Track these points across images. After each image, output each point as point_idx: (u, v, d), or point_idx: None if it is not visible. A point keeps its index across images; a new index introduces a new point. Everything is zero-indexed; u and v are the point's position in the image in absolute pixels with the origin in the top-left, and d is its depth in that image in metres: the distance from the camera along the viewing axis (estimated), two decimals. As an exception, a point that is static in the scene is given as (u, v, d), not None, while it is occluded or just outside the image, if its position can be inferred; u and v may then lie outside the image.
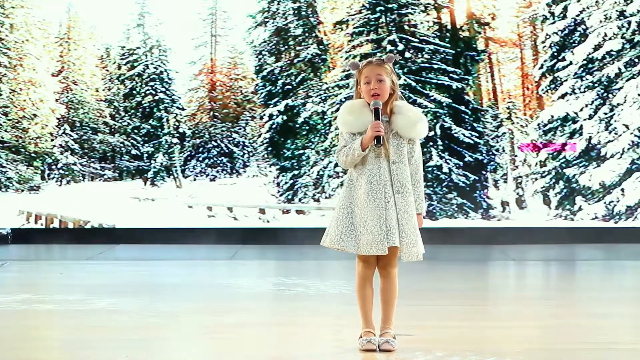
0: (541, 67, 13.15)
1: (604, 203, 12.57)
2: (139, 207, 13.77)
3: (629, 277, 9.39)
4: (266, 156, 14.00)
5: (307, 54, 13.66)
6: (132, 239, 12.27)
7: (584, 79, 12.77)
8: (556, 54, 13.02)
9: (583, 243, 11.79)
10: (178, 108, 14.30)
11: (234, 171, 14.28)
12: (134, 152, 14.20)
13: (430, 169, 12.83)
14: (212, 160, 14.26)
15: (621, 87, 12.51)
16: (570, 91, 12.84)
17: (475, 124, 13.15)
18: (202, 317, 6.56)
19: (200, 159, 14.27)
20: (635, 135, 12.35)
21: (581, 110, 12.73)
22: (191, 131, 14.36)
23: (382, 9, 13.07)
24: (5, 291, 8.21)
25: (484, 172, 13.16)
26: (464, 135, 13.05)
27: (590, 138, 12.67)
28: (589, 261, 10.56)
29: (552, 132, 12.92)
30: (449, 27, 13.27)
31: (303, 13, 13.72)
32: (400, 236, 5.00)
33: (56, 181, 13.94)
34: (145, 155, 14.15)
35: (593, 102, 12.72)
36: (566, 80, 12.84)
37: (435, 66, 13.03)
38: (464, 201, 12.97)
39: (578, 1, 12.81)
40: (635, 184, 12.37)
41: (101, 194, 13.98)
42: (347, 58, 13.25)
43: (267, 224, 13.25)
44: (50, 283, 8.88)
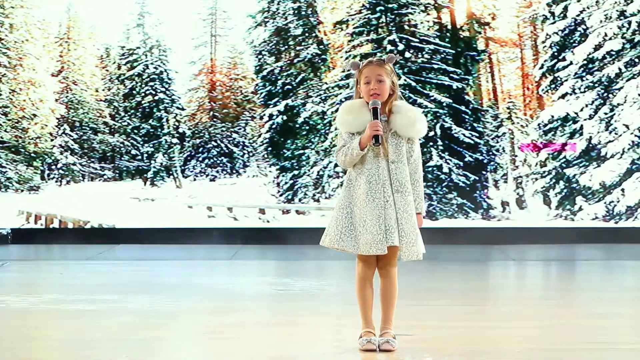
0: (541, 67, 13.15)
1: (604, 203, 12.56)
2: (139, 207, 13.76)
3: (629, 277, 9.39)
4: (266, 156, 13.99)
5: (307, 54, 13.65)
6: (132, 239, 12.26)
7: (584, 79, 12.77)
8: (556, 54, 13.01)
9: (583, 243, 11.78)
10: (178, 108, 14.29)
11: (234, 171, 14.28)
12: (133, 152, 14.19)
13: (430, 169, 12.83)
14: (212, 161, 14.25)
15: (621, 87, 12.50)
16: (570, 91, 12.83)
17: (475, 124, 13.14)
18: (202, 317, 6.56)
19: (200, 159, 14.26)
20: (635, 135, 12.34)
21: (581, 110, 12.73)
22: (191, 131, 14.35)
23: (382, 8, 13.07)
24: (5, 291, 8.21)
25: (484, 172, 13.15)
26: (464, 135, 13.04)
27: (591, 138, 12.66)
28: (589, 261, 10.56)
29: (553, 132, 12.92)
30: (449, 27, 13.26)
31: (303, 13, 13.71)
32: (400, 235, 5.00)
33: (56, 181, 13.93)
34: (145, 155, 14.14)
35: (593, 102, 12.72)
36: (566, 80, 12.83)
37: (436, 66, 13.02)
38: (464, 201, 12.97)
39: (578, 1, 12.80)
40: (635, 184, 12.36)
41: (101, 194, 13.97)
42: (347, 58, 13.25)
43: (267, 224, 13.24)
44: (50, 283, 8.87)
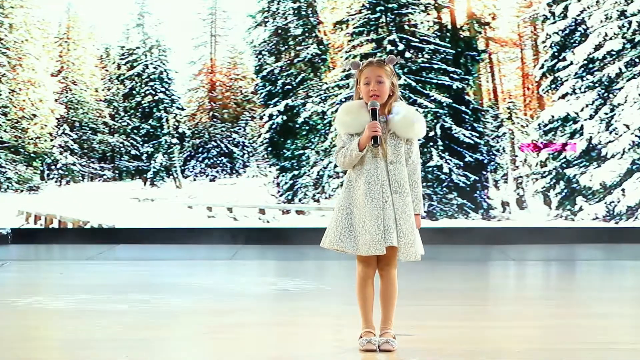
0: (542, 67, 13.14)
1: (605, 203, 12.56)
2: (139, 207, 13.75)
3: (629, 277, 9.38)
4: (266, 156, 13.98)
5: (307, 54, 13.64)
6: (132, 239, 12.26)
7: (584, 79, 12.76)
8: (557, 53, 13.00)
9: (583, 243, 11.77)
10: (178, 108, 14.28)
11: (234, 171, 14.27)
12: (133, 152, 14.18)
13: (430, 169, 12.82)
14: (211, 161, 14.25)
15: (622, 87, 12.50)
16: (570, 91, 12.83)
17: (475, 124, 13.13)
18: (202, 317, 6.56)
19: (200, 159, 14.25)
20: (635, 136, 12.34)
21: (582, 110, 12.72)
22: (191, 131, 14.35)
23: (382, 8, 13.06)
24: (5, 291, 8.21)
25: (484, 173, 13.15)
26: (464, 135, 13.04)
27: (591, 138, 12.66)
28: (589, 261, 10.55)
29: (553, 132, 12.91)
30: (449, 27, 13.25)
31: (303, 13, 13.70)
32: (398, 236, 5.00)
33: (55, 181, 13.92)
34: (145, 155, 14.14)
35: (594, 102, 12.71)
36: (567, 80, 12.83)
37: (436, 66, 13.02)
38: (464, 201, 12.96)
39: (579, 1, 12.80)
40: (635, 184, 12.35)
41: (101, 194, 13.96)
42: (347, 58, 13.23)
43: (267, 224, 13.24)
44: (50, 283, 8.87)
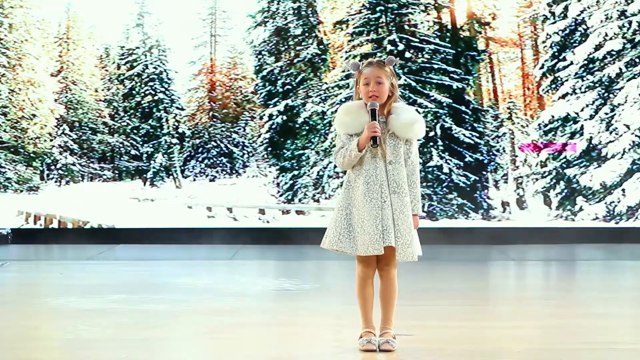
0: (542, 67, 13.14)
1: (605, 203, 12.55)
2: (139, 207, 13.75)
3: (629, 277, 9.38)
4: (266, 156, 13.98)
5: (307, 54, 13.64)
6: (132, 239, 12.25)
7: (584, 79, 12.76)
8: (557, 53, 13.00)
9: (583, 243, 11.77)
10: (177, 108, 14.28)
11: (234, 171, 14.27)
12: (133, 152, 14.18)
13: (430, 169, 12.82)
14: (211, 161, 14.24)
15: (622, 87, 12.49)
16: (571, 91, 12.82)
17: (475, 124, 13.13)
18: (202, 317, 6.55)
19: (200, 159, 14.25)
20: (636, 136, 12.33)
21: (582, 110, 12.72)
22: (191, 131, 14.34)
23: (382, 8, 13.06)
24: (5, 291, 8.21)
25: (484, 173, 13.14)
26: (464, 135, 13.03)
27: (591, 138, 12.65)
28: (589, 261, 10.55)
29: (553, 132, 12.91)
30: (449, 27, 13.25)
31: (303, 13, 13.70)
32: (396, 236, 5.00)
33: (55, 181, 13.92)
34: (145, 155, 14.13)
35: (594, 102, 12.71)
36: (567, 80, 12.83)
37: (436, 66, 13.01)
38: (464, 201, 12.96)
39: (579, 1, 12.80)
40: (636, 185, 12.35)
41: (100, 194, 13.96)
42: (347, 58, 13.23)
43: (267, 224, 13.23)
44: (50, 283, 8.86)
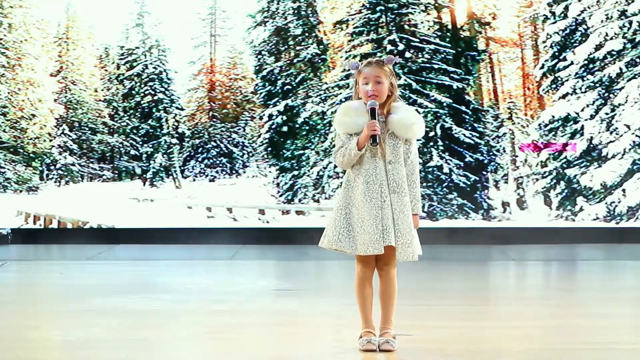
0: (542, 67, 13.13)
1: (605, 204, 12.55)
2: (138, 207, 13.74)
3: (629, 277, 9.38)
4: (266, 156, 13.97)
5: (307, 54, 13.63)
6: (132, 239, 12.25)
7: (585, 79, 12.75)
8: (557, 53, 12.99)
9: (583, 243, 11.77)
10: (177, 108, 14.27)
11: (234, 172, 14.26)
12: (133, 152, 14.17)
13: (430, 169, 12.81)
14: (211, 161, 14.23)
15: (622, 87, 12.49)
16: (571, 91, 12.82)
17: (475, 124, 13.12)
18: (202, 317, 6.55)
19: (200, 159, 14.24)
20: (636, 136, 12.33)
21: (582, 110, 12.71)
22: (190, 131, 14.33)
23: (382, 8, 13.05)
24: (5, 291, 8.20)
25: (484, 173, 13.13)
26: (464, 135, 13.03)
27: (592, 138, 12.65)
28: (590, 261, 10.55)
29: (553, 133, 12.90)
30: (449, 26, 13.24)
31: (303, 13, 13.69)
32: (396, 236, 5.00)
33: (55, 182, 13.91)
34: (145, 155, 14.12)
35: (594, 102, 12.70)
36: (567, 80, 12.82)
37: (436, 66, 13.01)
38: (464, 202, 12.95)
39: (579, 1, 12.79)
40: (636, 185, 12.34)
41: (100, 194, 13.95)
42: (347, 58, 13.22)
43: (267, 224, 13.23)
44: (50, 283, 8.86)
